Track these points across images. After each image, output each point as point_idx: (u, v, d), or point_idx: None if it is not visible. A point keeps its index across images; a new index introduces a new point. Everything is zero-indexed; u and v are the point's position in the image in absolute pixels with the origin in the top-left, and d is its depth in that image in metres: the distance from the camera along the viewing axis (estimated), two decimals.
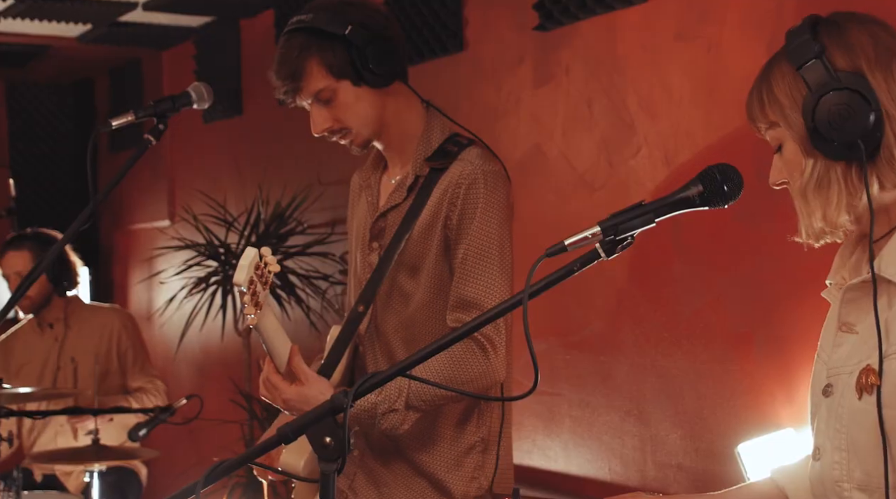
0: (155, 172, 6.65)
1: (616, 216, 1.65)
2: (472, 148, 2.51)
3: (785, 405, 3.13)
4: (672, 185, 1.68)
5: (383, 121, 2.53)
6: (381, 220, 2.58)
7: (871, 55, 1.68)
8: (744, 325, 3.28)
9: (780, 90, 1.72)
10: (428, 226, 2.49)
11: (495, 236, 2.47)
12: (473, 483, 2.53)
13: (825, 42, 1.69)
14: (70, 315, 4.69)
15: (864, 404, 1.65)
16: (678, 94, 3.45)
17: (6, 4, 5.26)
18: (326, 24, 2.42)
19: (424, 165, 2.51)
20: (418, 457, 2.54)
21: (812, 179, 1.70)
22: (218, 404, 5.04)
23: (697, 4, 3.39)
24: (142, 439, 3.76)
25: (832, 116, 1.65)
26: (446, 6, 4.33)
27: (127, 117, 2.41)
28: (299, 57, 2.43)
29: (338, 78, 2.45)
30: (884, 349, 1.63)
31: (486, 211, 2.45)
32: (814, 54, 1.68)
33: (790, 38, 1.73)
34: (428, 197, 2.49)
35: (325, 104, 2.48)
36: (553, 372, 3.87)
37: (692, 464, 3.41)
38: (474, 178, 2.45)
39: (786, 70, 1.72)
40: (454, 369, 2.43)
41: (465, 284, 2.45)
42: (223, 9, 5.61)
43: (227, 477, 3.02)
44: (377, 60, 2.45)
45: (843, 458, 1.70)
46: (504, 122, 4.11)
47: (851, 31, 1.71)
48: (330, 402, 1.63)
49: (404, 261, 2.52)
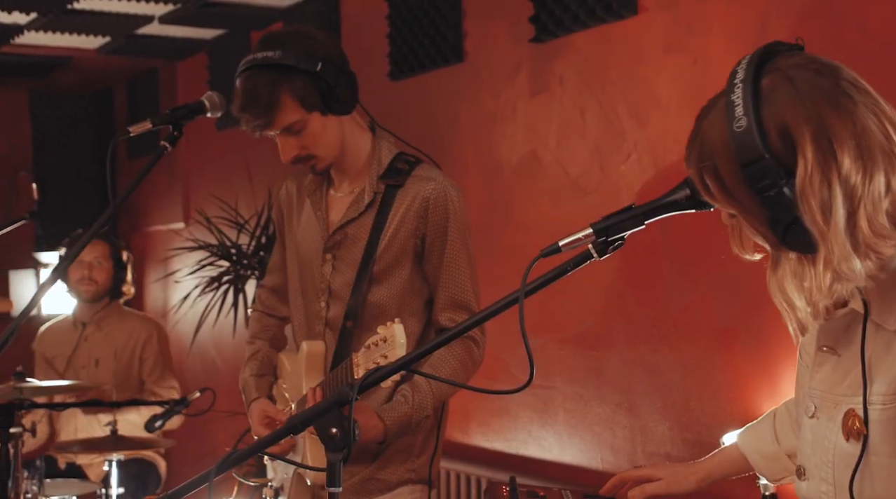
0: (170, 177, 6.65)
1: (607, 219, 1.65)
2: (422, 165, 2.61)
3: (767, 398, 3.13)
4: (660, 189, 1.68)
5: (342, 145, 2.59)
6: (337, 233, 2.62)
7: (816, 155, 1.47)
8: (728, 322, 3.28)
9: (732, 184, 1.53)
10: (394, 239, 2.56)
11: (466, 244, 2.60)
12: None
13: (777, 152, 1.47)
14: (104, 319, 4.70)
15: (851, 448, 1.59)
16: (666, 103, 3.45)
17: (30, 18, 5.26)
18: (297, 61, 2.44)
19: (380, 182, 2.58)
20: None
21: (789, 269, 1.59)
22: (230, 397, 5.04)
23: (684, 18, 3.39)
24: (158, 431, 3.77)
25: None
26: (447, 19, 4.33)
27: (144, 125, 2.41)
28: (273, 92, 2.44)
29: (309, 111, 2.49)
30: (868, 396, 1.56)
31: (456, 221, 2.57)
32: (776, 185, 1.47)
33: (738, 138, 1.48)
34: (389, 212, 2.56)
35: (295, 134, 2.52)
36: (547, 367, 3.86)
37: (680, 453, 3.40)
38: (443, 193, 2.55)
39: (729, 162, 1.51)
40: (463, 368, 2.57)
41: (452, 287, 2.57)
42: (235, 22, 5.61)
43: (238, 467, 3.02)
44: (344, 92, 2.51)
45: (830, 490, 1.64)
46: (501, 129, 4.11)
47: (789, 114, 1.48)
48: (336, 395, 1.64)
49: (374, 272, 2.57)
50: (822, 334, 1.69)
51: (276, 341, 2.89)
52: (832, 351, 1.67)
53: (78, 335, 4.69)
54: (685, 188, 1.64)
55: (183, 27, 5.61)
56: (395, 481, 2.60)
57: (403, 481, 2.61)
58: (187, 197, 6.59)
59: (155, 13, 5.27)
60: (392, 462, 2.60)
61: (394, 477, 2.60)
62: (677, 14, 3.41)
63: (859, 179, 1.46)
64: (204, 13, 5.30)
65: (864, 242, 1.47)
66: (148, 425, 3.70)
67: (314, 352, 2.60)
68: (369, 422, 2.43)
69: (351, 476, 2.58)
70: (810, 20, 3.00)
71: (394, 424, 2.47)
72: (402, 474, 2.61)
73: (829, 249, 1.47)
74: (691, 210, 1.66)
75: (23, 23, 5.36)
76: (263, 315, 2.90)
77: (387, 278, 2.57)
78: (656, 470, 2.02)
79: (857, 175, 1.46)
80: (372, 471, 2.59)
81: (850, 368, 1.63)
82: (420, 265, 2.59)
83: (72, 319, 4.75)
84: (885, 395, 1.55)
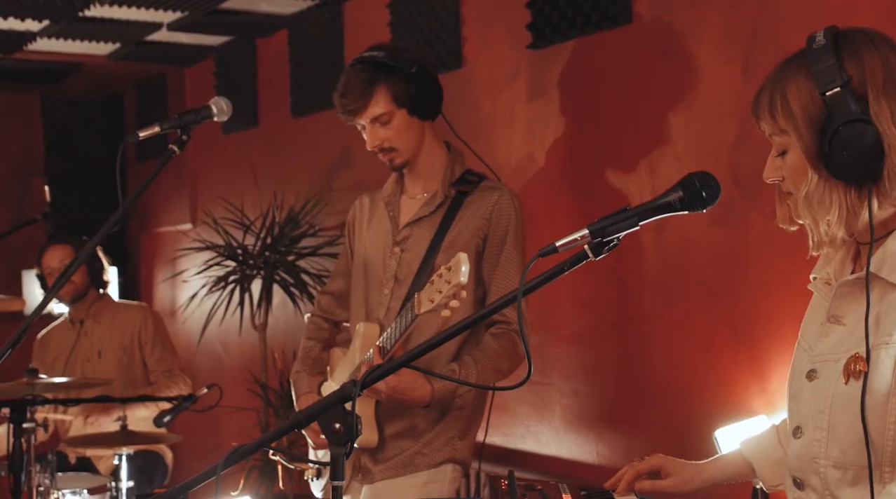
0: (178, 180, 6.65)
1: (603, 220, 1.65)
2: (488, 180, 2.85)
3: (758, 394, 3.13)
4: (654, 191, 1.68)
5: (420, 148, 2.80)
6: (405, 229, 2.82)
7: (878, 82, 1.64)
8: (721, 321, 3.28)
9: (795, 103, 1.67)
10: (458, 237, 2.76)
11: (522, 250, 2.81)
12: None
13: (845, 65, 1.64)
14: (99, 312, 4.71)
15: (850, 388, 1.65)
16: (660, 107, 3.45)
17: (42, 25, 5.26)
18: (396, 61, 2.70)
19: (451, 188, 2.81)
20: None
21: (816, 192, 1.66)
22: (236, 393, 5.04)
23: (677, 26, 3.39)
24: (166, 425, 3.77)
25: (848, 146, 1.61)
26: (446, 26, 4.33)
27: (153, 129, 2.41)
28: (370, 83, 2.69)
29: (399, 106, 2.72)
30: (873, 340, 1.63)
31: (515, 229, 2.80)
32: (840, 83, 1.63)
33: (815, 56, 1.66)
34: (457, 212, 2.78)
35: (382, 126, 2.74)
36: (545, 364, 3.86)
37: (672, 448, 3.38)
38: (508, 202, 2.79)
39: (804, 86, 1.67)
40: (508, 359, 2.76)
41: (505, 287, 2.75)
42: (241, 29, 5.61)
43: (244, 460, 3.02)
44: (430, 97, 2.76)
45: (823, 437, 1.70)
46: (500, 133, 4.10)
47: (865, 54, 1.66)
48: (339, 391, 1.63)
49: (436, 264, 2.73)
50: (834, 304, 1.75)
51: (328, 343, 3.07)
52: (837, 320, 1.74)
53: (77, 332, 4.69)
54: (678, 190, 1.64)
55: (191, 34, 5.61)
56: (438, 459, 2.79)
57: (447, 460, 2.80)
58: (195, 199, 6.59)
59: (164, 21, 5.27)
60: (437, 441, 2.78)
61: (438, 455, 2.78)
62: (671, 22, 3.41)
63: None
64: (211, 21, 5.30)
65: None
66: (157, 419, 3.71)
67: (369, 333, 2.78)
68: (417, 382, 2.62)
69: (400, 452, 2.78)
70: (800, 27, 2.99)
71: (440, 390, 2.66)
72: (447, 453, 2.79)
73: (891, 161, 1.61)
74: (684, 212, 1.66)
75: (35, 30, 5.36)
76: (320, 319, 3.08)
77: None
78: (667, 465, 2.05)
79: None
80: (420, 447, 2.77)
81: (854, 330, 1.69)
82: (478, 263, 2.77)
83: (68, 319, 4.76)
84: (890, 335, 1.63)
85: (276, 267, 4.98)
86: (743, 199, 3.10)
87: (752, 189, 3.11)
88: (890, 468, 1.64)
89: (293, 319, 5.25)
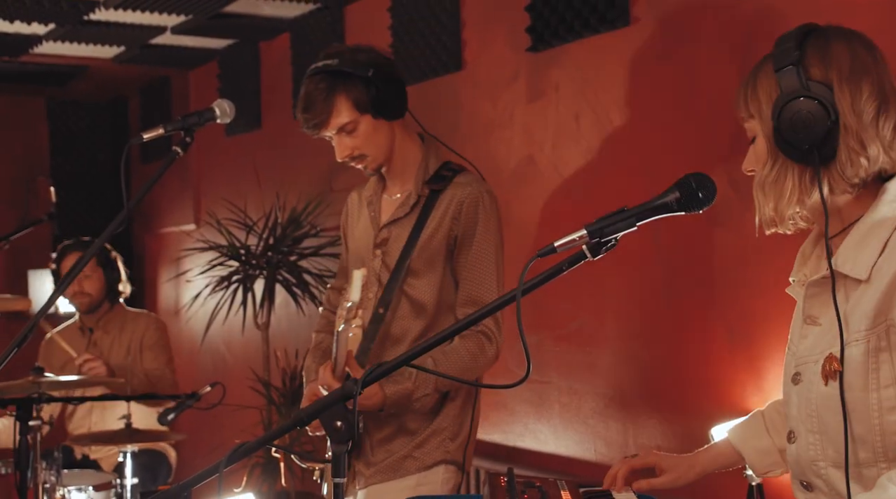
0: (182, 181, 6.65)
1: (601, 220, 1.65)
2: (464, 173, 2.75)
3: (753, 392, 3.13)
4: (652, 192, 1.68)
5: (392, 148, 2.73)
6: (384, 230, 2.78)
7: (844, 70, 1.66)
8: (716, 320, 3.28)
9: (761, 88, 1.72)
10: (432, 237, 2.70)
11: (493, 245, 2.72)
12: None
13: (807, 51, 1.68)
14: (109, 322, 4.67)
15: (830, 389, 1.66)
16: (658, 109, 3.45)
17: (48, 28, 5.26)
18: (352, 67, 2.60)
19: (424, 187, 2.73)
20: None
21: (771, 175, 1.71)
22: (239, 391, 5.04)
23: (675, 28, 3.39)
24: (170, 423, 3.77)
25: (794, 122, 1.65)
26: (446, 29, 4.33)
27: (157, 131, 2.41)
28: (329, 94, 2.60)
29: (361, 112, 2.64)
30: (845, 338, 1.63)
31: (485, 225, 2.69)
32: (791, 61, 1.67)
33: (778, 43, 1.72)
34: (430, 213, 2.70)
35: (348, 134, 2.66)
36: (543, 362, 3.86)
37: (670, 445, 3.40)
38: (476, 197, 2.69)
39: (768, 71, 1.72)
40: (472, 360, 2.68)
41: (473, 286, 2.68)
42: (244, 33, 5.61)
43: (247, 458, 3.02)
44: (393, 97, 2.66)
45: (817, 440, 1.70)
46: (499, 135, 4.10)
47: (834, 44, 1.69)
48: (341, 389, 1.63)
49: (411, 267, 2.70)
50: (807, 305, 1.76)
51: None
52: (813, 321, 1.75)
53: (86, 341, 4.67)
54: (676, 191, 1.64)
55: (194, 37, 5.61)
56: (429, 461, 2.73)
57: (438, 462, 2.74)
58: (198, 200, 6.59)
59: (168, 24, 5.27)
60: (428, 443, 2.73)
61: (429, 457, 2.73)
62: (668, 24, 3.41)
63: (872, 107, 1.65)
64: (214, 24, 5.30)
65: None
66: (161, 417, 3.71)
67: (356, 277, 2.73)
68: (370, 390, 2.55)
69: (390, 455, 2.73)
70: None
71: (393, 394, 2.59)
72: (438, 454, 2.74)
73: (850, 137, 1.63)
74: (681, 212, 1.66)
75: (41, 33, 5.36)
76: (329, 313, 3.05)
77: (424, 274, 2.70)
78: (660, 460, 2.05)
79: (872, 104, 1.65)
80: (409, 450, 2.72)
81: (828, 330, 1.69)
82: (452, 263, 2.72)
83: (78, 325, 4.73)
84: (858, 332, 1.62)
85: (279, 267, 4.99)
86: (739, 200, 3.09)
87: (748, 190, 3.10)
88: (886, 463, 1.64)
89: (295, 318, 5.25)
